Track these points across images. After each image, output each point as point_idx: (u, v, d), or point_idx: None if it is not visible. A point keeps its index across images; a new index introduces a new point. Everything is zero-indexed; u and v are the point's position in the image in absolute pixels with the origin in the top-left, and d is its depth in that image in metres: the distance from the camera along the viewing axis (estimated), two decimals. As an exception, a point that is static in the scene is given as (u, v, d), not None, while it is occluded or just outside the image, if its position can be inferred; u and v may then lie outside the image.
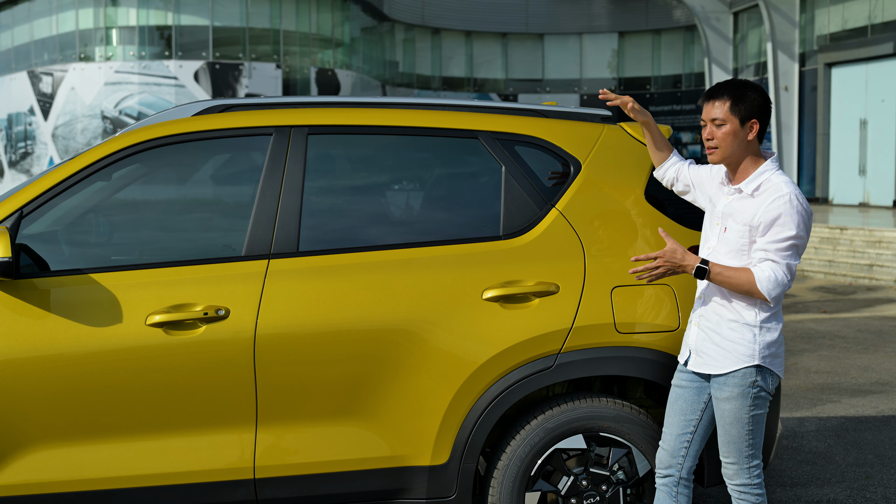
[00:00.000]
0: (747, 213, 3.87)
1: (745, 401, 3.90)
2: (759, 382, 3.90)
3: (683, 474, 4.11)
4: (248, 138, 4.43)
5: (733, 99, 3.89)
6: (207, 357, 4.09)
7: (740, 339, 3.90)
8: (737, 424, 3.93)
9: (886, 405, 7.91)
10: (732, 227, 3.91)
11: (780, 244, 3.79)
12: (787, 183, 3.86)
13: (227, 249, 4.34)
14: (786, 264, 3.80)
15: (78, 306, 4.08)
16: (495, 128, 4.49)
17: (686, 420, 4.09)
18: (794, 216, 3.79)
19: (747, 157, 3.95)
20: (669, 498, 4.13)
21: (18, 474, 4.03)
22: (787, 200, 3.79)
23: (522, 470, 4.30)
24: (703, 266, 3.83)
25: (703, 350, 4.00)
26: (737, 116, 3.89)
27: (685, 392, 4.08)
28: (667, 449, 4.13)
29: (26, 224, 4.19)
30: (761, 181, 3.89)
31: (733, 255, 3.91)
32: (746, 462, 3.98)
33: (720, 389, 3.95)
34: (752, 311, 3.90)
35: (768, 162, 3.94)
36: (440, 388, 4.20)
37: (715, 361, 3.95)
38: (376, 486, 4.22)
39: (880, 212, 25.39)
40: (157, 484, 4.10)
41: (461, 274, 4.27)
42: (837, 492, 5.80)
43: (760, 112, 3.91)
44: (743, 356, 3.89)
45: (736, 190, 3.95)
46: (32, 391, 4.01)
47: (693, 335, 4.06)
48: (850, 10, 30.01)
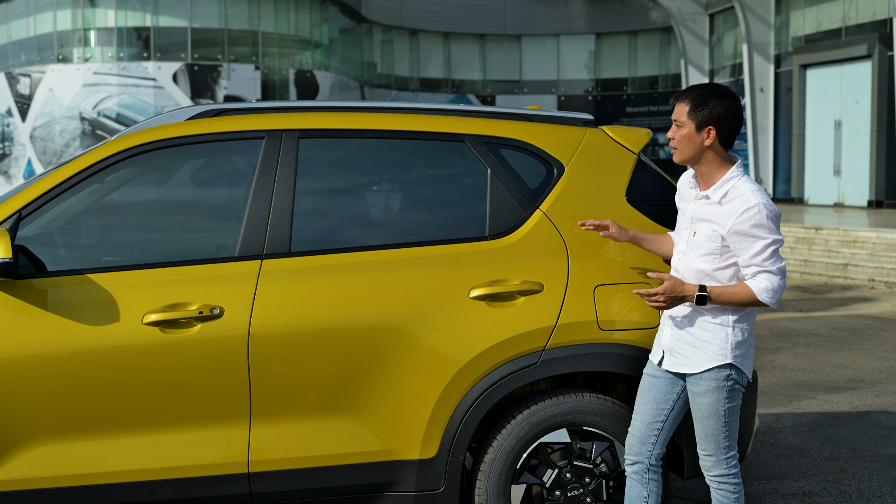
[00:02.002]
0: (716, 219, 4.00)
1: (720, 394, 4.05)
2: (733, 376, 4.05)
3: (653, 461, 4.24)
4: (241, 142, 4.55)
5: (693, 104, 4.01)
6: (202, 355, 4.20)
7: (713, 339, 4.04)
8: (714, 417, 4.07)
9: (860, 401, 8.09)
10: (703, 232, 4.05)
11: (765, 254, 3.93)
12: (754, 192, 3.96)
13: (221, 250, 4.44)
14: (776, 269, 3.95)
15: (76, 306, 4.18)
16: (481, 131, 4.62)
17: (658, 409, 4.21)
18: (767, 224, 3.93)
19: (711, 162, 4.06)
20: (641, 485, 4.25)
21: (18, 470, 4.12)
22: (758, 211, 3.92)
23: (508, 463, 4.42)
24: (702, 294, 3.97)
25: (677, 350, 4.14)
26: (693, 121, 4.01)
27: (659, 382, 4.21)
28: (637, 436, 4.25)
29: (24, 226, 4.29)
30: (728, 188, 4.01)
31: (705, 258, 4.05)
32: (724, 453, 4.11)
33: (696, 385, 4.09)
34: (725, 312, 4.04)
35: (734, 168, 4.05)
36: (429, 384, 4.32)
37: (689, 361, 4.09)
38: (367, 479, 4.34)
39: (855, 212, 25.66)
40: (154, 478, 4.20)
41: (449, 273, 4.40)
42: (812, 484, 5.96)
43: (720, 120, 4.00)
44: (716, 355, 4.04)
45: (703, 196, 4.07)
46: (32, 389, 4.11)
47: (666, 336, 4.19)
48: (824, 12, 30.29)
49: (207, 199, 4.98)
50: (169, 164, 4.73)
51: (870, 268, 16.67)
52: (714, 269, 4.04)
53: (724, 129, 4.02)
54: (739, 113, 4.05)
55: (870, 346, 10.74)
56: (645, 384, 4.26)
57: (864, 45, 27.88)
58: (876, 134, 27.26)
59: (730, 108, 4.02)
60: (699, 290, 3.97)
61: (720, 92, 4.04)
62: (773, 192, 32.81)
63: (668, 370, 4.18)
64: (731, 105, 4.02)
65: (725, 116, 4.01)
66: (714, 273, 4.05)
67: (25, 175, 38.48)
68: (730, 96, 4.04)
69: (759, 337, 11.34)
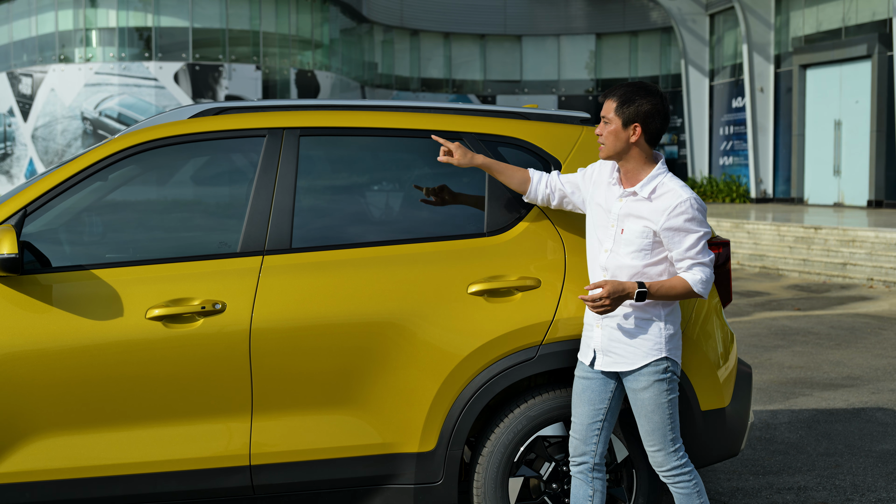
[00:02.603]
0: (648, 216, 4.09)
1: (661, 387, 4.15)
2: (670, 368, 4.16)
3: (597, 460, 4.30)
4: (243, 140, 4.62)
5: (620, 101, 4.12)
6: (205, 349, 4.27)
7: (648, 335, 4.14)
8: (658, 411, 4.16)
9: (857, 398, 8.15)
10: (632, 229, 4.12)
11: (697, 247, 4.06)
12: (682, 187, 4.09)
13: (224, 246, 4.51)
14: (708, 260, 4.10)
15: (80, 301, 4.25)
16: (479, 129, 4.69)
17: (595, 409, 4.28)
18: (698, 218, 4.06)
19: (636, 158, 4.16)
20: (586, 484, 4.32)
21: (24, 462, 4.19)
22: (689, 206, 4.04)
23: (506, 456, 4.48)
24: (642, 290, 4.05)
25: (611, 350, 4.20)
26: (620, 118, 4.11)
27: (592, 384, 4.28)
28: (579, 438, 4.31)
29: (29, 222, 4.36)
30: (655, 184, 4.11)
31: (636, 254, 4.13)
32: (671, 445, 4.19)
33: (635, 381, 4.17)
34: (656, 308, 4.15)
35: (659, 165, 4.16)
36: (427, 378, 4.39)
37: (625, 359, 4.17)
38: (367, 472, 4.40)
39: (854, 212, 25.71)
40: (157, 471, 4.27)
41: (447, 269, 4.47)
42: (808, 479, 6.02)
43: (646, 117, 4.10)
44: (652, 350, 4.14)
45: (630, 192, 4.15)
46: (38, 382, 4.17)
47: (598, 336, 4.24)
48: (824, 12, 30.35)
49: (209, 196, 5.05)
50: (172, 161, 4.80)
51: (868, 267, 16.73)
52: (645, 265, 4.12)
53: (650, 126, 4.12)
54: (666, 112, 4.14)
55: (867, 345, 10.80)
56: (579, 387, 4.32)
57: (864, 45, 27.94)
58: (875, 134, 27.32)
59: (656, 106, 4.11)
60: (639, 286, 4.04)
61: (647, 90, 4.14)
62: (773, 192, 32.88)
63: (602, 370, 4.25)
64: (657, 103, 4.12)
65: (651, 114, 4.10)
66: (645, 269, 4.12)
67: (27, 175, 38.54)
68: (657, 95, 4.13)
69: (757, 335, 11.41)
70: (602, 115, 4.18)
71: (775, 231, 20.37)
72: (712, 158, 36.74)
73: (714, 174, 36.30)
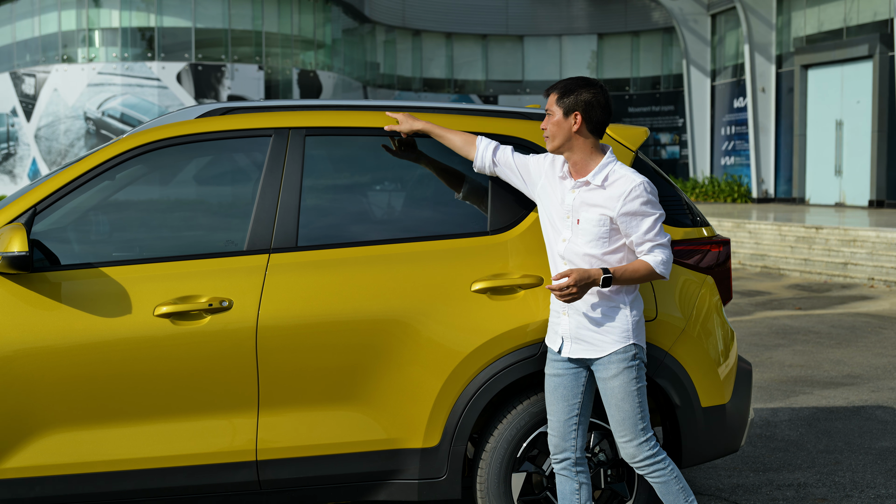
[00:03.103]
0: (603, 203, 4.15)
1: (630, 374, 4.20)
2: (638, 355, 4.22)
3: (578, 454, 4.35)
4: (249, 139, 4.68)
5: (560, 93, 4.21)
6: (212, 346, 4.33)
7: (615, 322, 4.20)
8: (628, 399, 4.21)
9: (857, 396, 8.21)
10: (588, 218, 4.18)
11: (655, 229, 4.14)
12: (633, 172, 4.19)
13: (230, 244, 4.57)
14: (666, 241, 4.19)
15: (89, 298, 4.31)
16: (481, 129, 4.74)
17: (570, 405, 4.33)
18: (652, 200, 4.15)
19: (582, 149, 4.23)
20: (571, 480, 4.36)
21: (34, 457, 4.25)
22: (643, 189, 4.13)
23: (509, 452, 4.54)
24: (607, 275, 4.10)
25: (579, 337, 4.25)
26: (561, 108, 4.20)
27: (563, 380, 4.33)
28: (557, 435, 4.36)
29: (38, 221, 4.42)
30: (607, 172, 4.18)
31: (594, 243, 4.19)
32: (642, 435, 4.23)
33: (605, 369, 4.22)
34: (620, 294, 4.22)
35: (608, 154, 4.24)
36: (431, 375, 4.45)
37: (594, 346, 4.22)
38: (372, 467, 4.46)
39: (856, 211, 25.76)
40: (165, 466, 4.33)
41: (451, 267, 4.53)
42: (808, 476, 6.08)
43: (585, 106, 4.17)
44: (620, 336, 4.20)
45: (583, 182, 4.21)
46: (48, 378, 4.24)
47: (565, 324, 4.29)
48: (825, 12, 30.39)
49: (216, 195, 5.11)
50: (179, 161, 4.87)
51: (869, 267, 16.79)
52: (603, 252, 4.18)
53: (591, 115, 4.19)
54: (606, 103, 4.21)
55: (867, 344, 10.86)
56: (550, 385, 4.37)
57: (866, 45, 27.98)
58: (877, 134, 27.36)
59: (595, 95, 4.20)
60: (604, 272, 4.10)
61: (586, 82, 4.23)
62: (775, 192, 32.92)
63: (570, 358, 4.29)
64: (596, 93, 4.20)
65: (591, 103, 4.18)
66: (603, 257, 4.18)
67: (30, 175, 38.62)
68: (595, 86, 4.23)
69: (757, 334, 11.47)
70: (546, 109, 4.28)
71: (776, 231, 20.42)
72: (714, 158, 36.78)
73: (716, 174, 36.34)
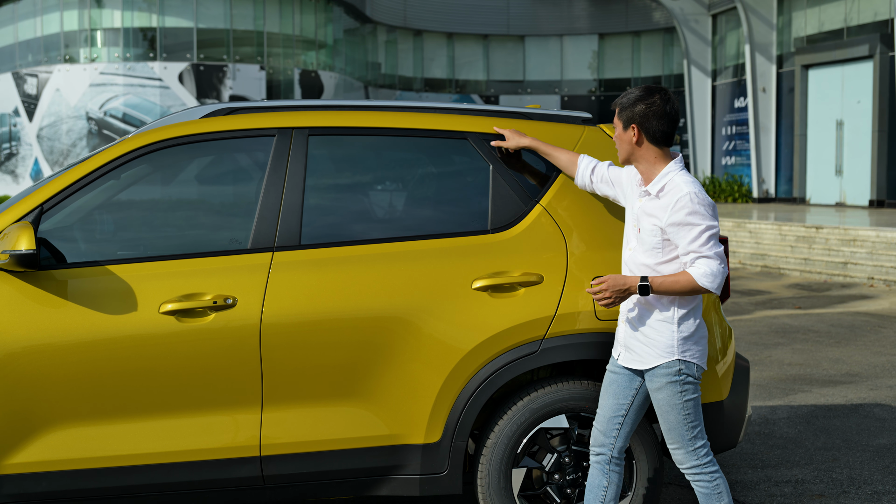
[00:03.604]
0: (656, 213, 4.17)
1: (674, 389, 4.20)
2: (683, 370, 4.19)
3: (615, 454, 4.39)
4: (253, 139, 4.73)
5: (620, 106, 4.25)
6: (216, 343, 4.39)
7: (660, 336, 4.20)
8: (672, 411, 4.23)
9: (855, 394, 8.26)
10: (645, 228, 4.22)
11: (700, 239, 4.07)
12: (686, 182, 4.13)
13: (234, 243, 4.63)
14: (714, 254, 4.08)
15: (95, 296, 4.37)
16: (483, 129, 4.80)
17: (618, 404, 4.37)
18: (700, 211, 4.07)
19: (645, 159, 4.23)
20: (602, 475, 4.41)
21: (41, 453, 4.31)
22: (689, 199, 4.07)
23: (509, 448, 4.60)
24: (644, 283, 4.14)
25: (630, 346, 4.30)
26: (620, 121, 4.24)
27: (618, 378, 4.38)
28: (600, 429, 4.41)
29: (45, 220, 4.48)
30: (665, 182, 4.18)
31: (649, 253, 4.22)
32: (691, 445, 4.25)
33: (651, 381, 4.25)
34: (671, 309, 4.20)
35: (671, 164, 4.21)
36: (433, 371, 4.51)
37: (641, 357, 4.26)
38: (374, 462, 4.52)
39: (856, 211, 25.80)
40: (170, 461, 4.38)
41: (452, 265, 4.58)
42: (805, 473, 6.13)
43: (641, 118, 4.16)
44: (664, 351, 4.19)
45: (645, 192, 4.25)
46: (54, 375, 4.29)
47: (622, 332, 4.35)
48: (826, 12, 30.43)
49: (221, 194, 5.17)
50: (184, 160, 4.92)
51: (869, 266, 16.84)
52: (657, 262, 4.20)
53: (649, 127, 4.18)
54: (663, 112, 4.17)
55: (866, 342, 10.91)
56: (607, 380, 4.42)
57: (866, 45, 28.01)
58: (877, 134, 27.40)
59: (650, 107, 4.17)
60: (641, 280, 4.13)
61: (646, 92, 4.21)
62: (776, 192, 32.96)
63: (624, 366, 4.35)
64: (651, 104, 4.17)
65: (646, 115, 4.17)
66: (657, 267, 4.20)
67: (32, 174, 38.67)
68: (653, 95, 4.19)
69: (757, 333, 11.52)
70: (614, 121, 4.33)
71: (777, 230, 20.47)
72: (715, 158, 36.82)
73: (716, 174, 36.38)
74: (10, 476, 4.30)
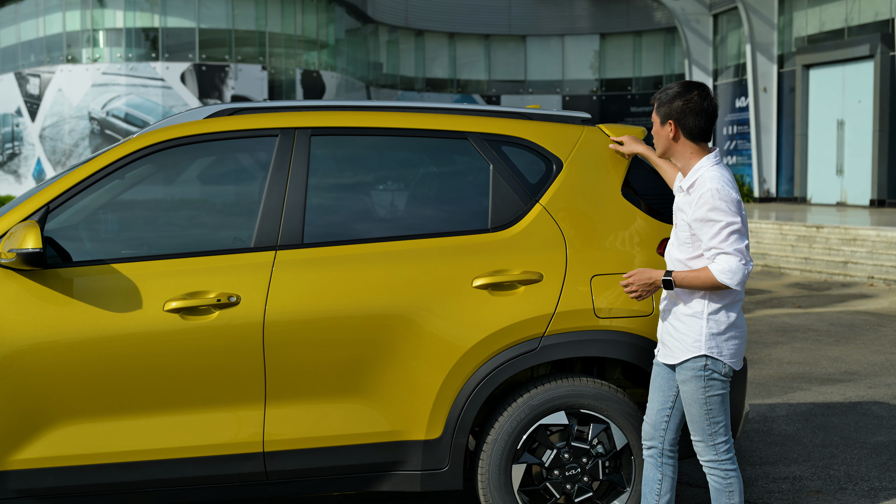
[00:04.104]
0: (685, 208, 4.24)
1: (698, 383, 4.25)
2: (710, 366, 4.23)
3: (666, 446, 4.47)
4: (256, 139, 4.79)
5: (659, 102, 4.30)
6: (220, 340, 4.44)
7: (689, 331, 4.25)
8: (695, 405, 4.28)
9: (853, 392, 8.32)
10: (679, 223, 4.29)
11: (720, 235, 4.09)
12: (712, 178, 4.14)
13: (238, 241, 4.69)
14: (734, 250, 4.09)
15: (101, 294, 4.42)
16: (483, 129, 4.86)
17: (665, 396, 4.45)
18: (722, 207, 4.09)
19: (682, 154, 4.29)
20: (655, 469, 4.49)
21: (46, 449, 4.36)
22: (711, 195, 4.09)
23: (510, 444, 4.66)
24: (667, 278, 4.21)
25: (664, 342, 4.38)
26: (658, 117, 4.30)
27: (663, 370, 4.45)
28: (650, 422, 4.49)
29: (51, 219, 4.54)
30: (696, 178, 4.21)
31: (681, 248, 4.29)
32: (711, 440, 4.31)
33: (679, 374, 4.32)
34: (701, 304, 4.23)
35: (705, 159, 4.24)
36: (434, 368, 4.56)
37: (671, 352, 4.33)
38: (376, 458, 4.58)
39: (857, 211, 25.84)
40: (174, 457, 4.44)
41: (453, 264, 4.64)
42: (803, 469, 6.19)
43: (678, 115, 4.21)
44: (692, 346, 4.24)
45: (679, 188, 4.32)
46: (60, 372, 4.34)
47: (660, 328, 4.45)
48: (827, 12, 30.47)
49: (224, 193, 5.23)
50: (188, 160, 4.98)
51: (869, 265, 16.89)
52: (688, 258, 4.26)
53: (686, 123, 4.22)
54: (699, 108, 4.20)
55: (865, 341, 10.96)
56: (654, 373, 4.51)
57: (867, 45, 28.06)
58: (878, 133, 27.45)
59: (687, 103, 4.21)
60: (665, 274, 4.20)
61: (684, 88, 4.25)
62: (777, 192, 33.00)
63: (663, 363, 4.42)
64: (688, 100, 4.21)
65: (683, 111, 4.21)
66: (688, 262, 4.25)
67: (34, 174, 38.74)
68: (690, 91, 4.23)
69: (757, 332, 11.58)
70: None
71: (777, 230, 20.52)
72: (716, 158, 36.81)
73: (718, 174, 36.37)
74: (16, 472, 4.35)
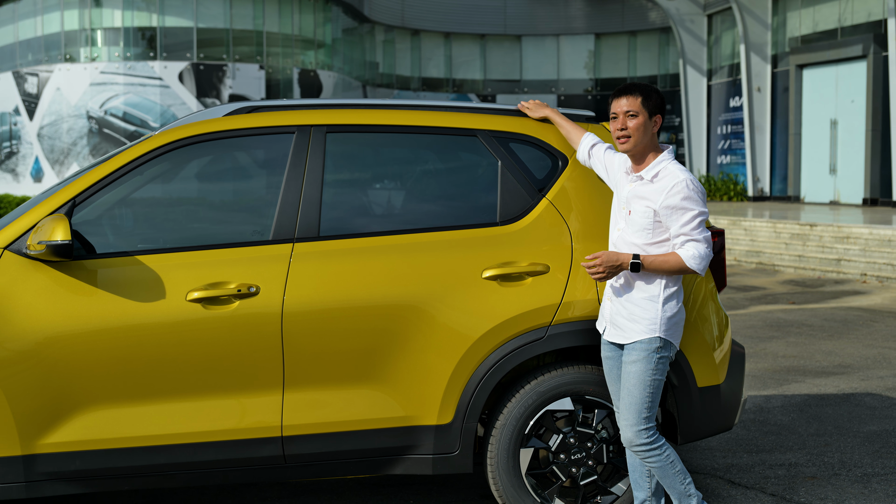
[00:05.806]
0: (649, 196, 4.45)
1: (649, 364, 4.47)
2: (662, 349, 4.48)
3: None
4: (274, 136, 4.98)
5: (644, 95, 4.50)
6: (240, 329, 4.63)
7: (645, 313, 4.47)
8: (640, 385, 4.48)
9: (847, 384, 8.51)
10: (637, 210, 4.49)
11: (691, 224, 4.38)
12: (681, 170, 4.44)
13: (257, 234, 4.87)
14: (703, 238, 4.41)
15: (125, 285, 4.61)
16: (492, 127, 5.06)
17: None
18: (694, 197, 4.39)
19: (649, 147, 4.53)
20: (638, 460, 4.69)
21: (74, 433, 4.54)
22: (685, 186, 4.39)
23: (517, 429, 4.85)
24: (636, 261, 4.42)
25: (615, 322, 4.58)
26: (647, 110, 4.49)
27: (615, 361, 4.66)
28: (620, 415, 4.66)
29: (77, 212, 4.71)
30: (659, 169, 4.48)
31: (639, 234, 4.49)
32: (643, 423, 4.49)
33: (629, 354, 4.52)
34: (657, 288, 4.48)
35: (665, 153, 4.52)
36: (445, 356, 4.75)
37: (625, 332, 4.53)
38: (389, 442, 4.76)
39: (850, 209, 26.05)
40: (196, 441, 4.62)
41: (463, 256, 4.83)
42: (798, 457, 6.38)
43: (661, 110, 4.53)
44: (648, 328, 4.47)
45: (638, 177, 4.53)
46: (87, 360, 4.53)
47: (607, 309, 4.63)
48: (820, 12, 30.67)
49: (243, 188, 5.41)
50: (208, 156, 5.16)
51: (862, 263, 17.09)
52: (646, 243, 4.47)
53: (663, 117, 4.55)
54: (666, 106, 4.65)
55: (858, 336, 11.16)
56: (606, 367, 4.70)
57: (860, 45, 28.24)
58: (871, 133, 27.65)
59: (664, 100, 4.57)
60: (633, 257, 4.41)
61: (655, 87, 4.57)
62: (771, 191, 33.20)
63: (609, 341, 4.62)
64: (664, 98, 4.58)
65: (663, 107, 4.55)
66: (646, 247, 4.48)
67: (32, 173, 38.82)
68: (660, 91, 4.59)
69: (752, 327, 11.77)
70: (626, 111, 4.50)
71: (771, 228, 20.71)
72: (710, 157, 37.06)
73: (712, 173, 36.62)
74: (45, 455, 4.53)
